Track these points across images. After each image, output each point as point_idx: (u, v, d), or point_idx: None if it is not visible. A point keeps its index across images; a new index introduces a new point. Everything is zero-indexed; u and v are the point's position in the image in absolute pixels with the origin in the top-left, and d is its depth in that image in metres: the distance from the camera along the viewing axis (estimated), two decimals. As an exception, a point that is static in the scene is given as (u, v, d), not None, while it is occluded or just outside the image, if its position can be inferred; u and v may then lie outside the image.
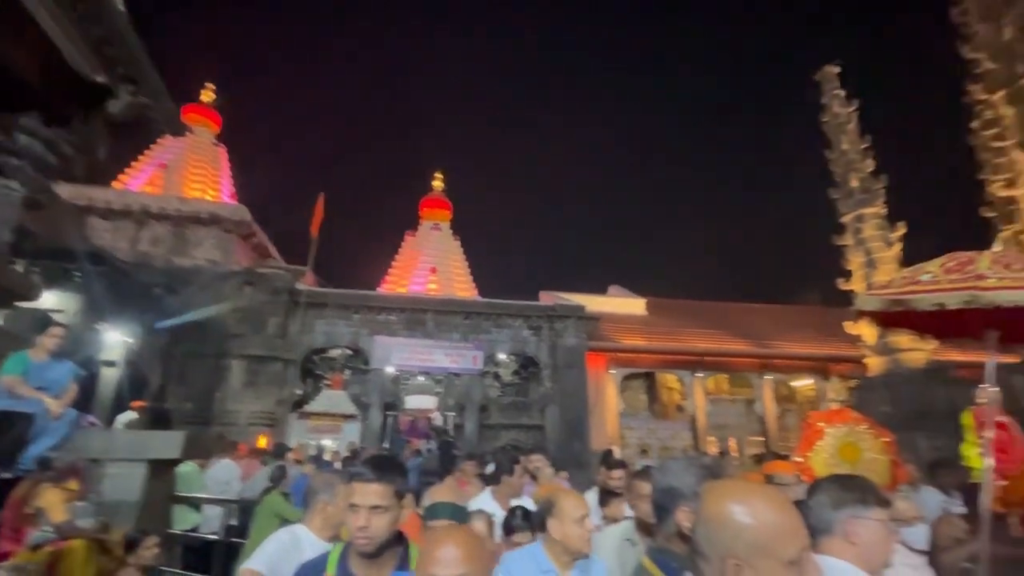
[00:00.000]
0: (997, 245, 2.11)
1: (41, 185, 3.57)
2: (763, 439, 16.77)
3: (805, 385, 18.52)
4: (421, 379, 16.53)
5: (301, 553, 2.04)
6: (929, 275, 2.11)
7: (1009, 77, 10.25)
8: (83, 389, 4.15)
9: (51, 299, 8.79)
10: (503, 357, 16.23)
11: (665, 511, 1.61)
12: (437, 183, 29.75)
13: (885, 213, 12.16)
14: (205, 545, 4.44)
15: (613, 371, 16.95)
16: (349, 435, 13.36)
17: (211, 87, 21.92)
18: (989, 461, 2.32)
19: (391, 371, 14.86)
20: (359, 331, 15.02)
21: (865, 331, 11.56)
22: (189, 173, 19.31)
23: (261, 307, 14.00)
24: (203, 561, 4.21)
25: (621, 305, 20.03)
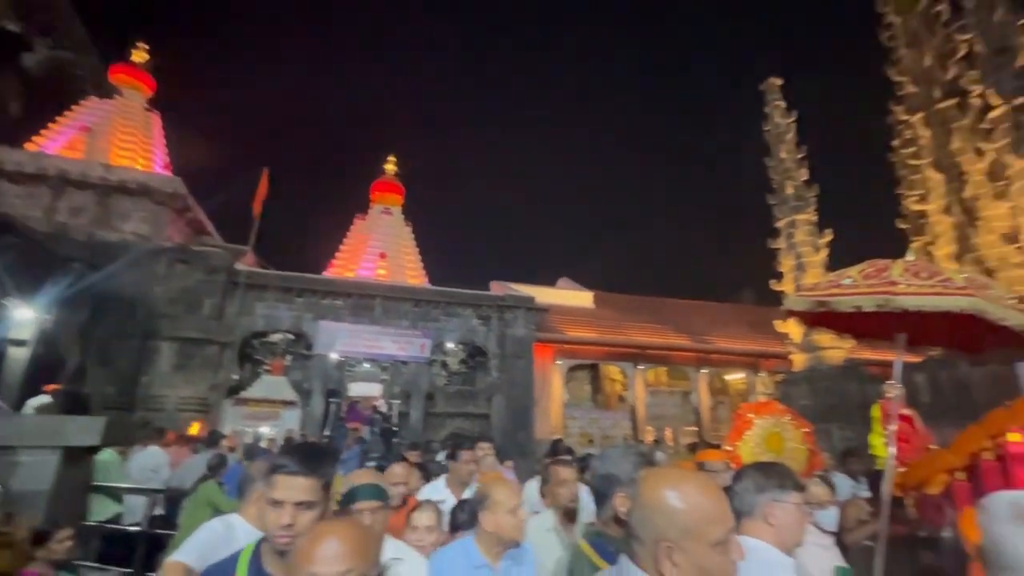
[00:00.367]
0: (909, 255, 2.34)
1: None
2: (697, 429, 17.68)
3: (737, 379, 19.66)
4: (367, 366, 16.20)
5: (235, 544, 1.96)
6: (850, 279, 2.29)
7: (927, 101, 11.19)
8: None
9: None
10: (451, 346, 16.17)
11: (603, 497, 1.68)
12: (390, 166, 28.98)
13: (815, 220, 13.03)
14: (128, 537, 4.19)
15: (559, 362, 17.29)
16: (289, 422, 12.93)
17: (144, 47, 20.11)
18: (892, 450, 2.56)
19: (335, 357, 14.47)
20: (302, 315, 14.49)
21: (792, 329, 12.39)
22: (117, 139, 17.77)
23: (195, 286, 13.21)
24: (125, 554, 3.97)
25: (570, 298, 20.40)
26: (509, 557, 1.91)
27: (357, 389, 15.58)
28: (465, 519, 2.39)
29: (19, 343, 9.53)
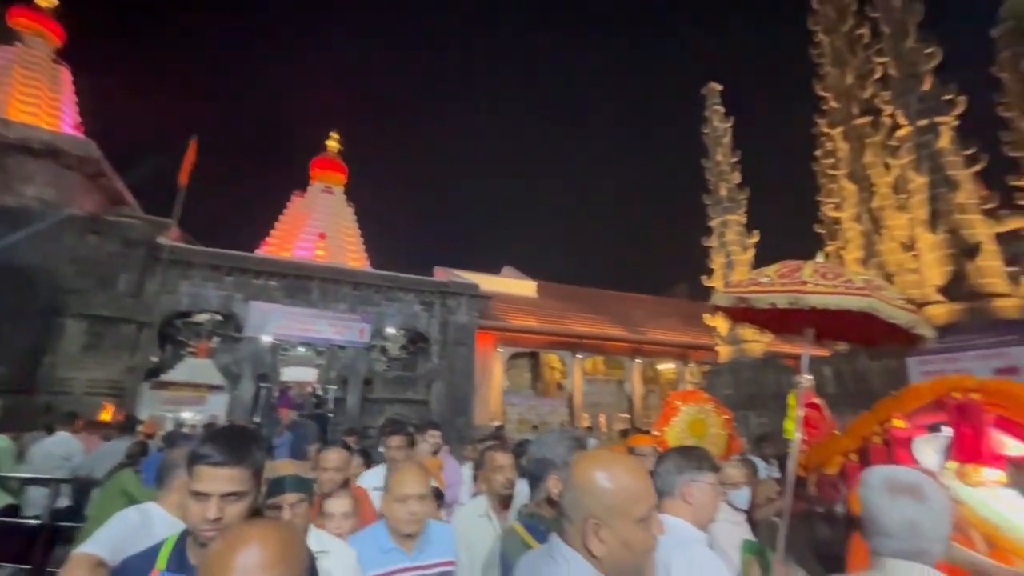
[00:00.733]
0: (819, 256, 2.58)
1: None
2: (630, 416, 18.50)
3: (668, 368, 20.71)
4: (302, 350, 15.61)
5: (152, 535, 1.85)
6: (767, 278, 2.49)
7: (846, 116, 12.15)
8: None
9: None
10: (392, 331, 15.90)
11: (537, 480, 1.75)
12: (332, 143, 27.78)
13: (744, 221, 13.86)
14: (26, 530, 3.85)
15: (501, 349, 17.47)
16: (215, 407, 12.26)
17: (50, -11, 17.98)
18: (799, 435, 2.82)
19: (267, 340, 13.83)
20: (232, 295, 13.70)
21: (719, 323, 13.19)
22: (17, 91, 15.84)
23: (109, 260, 12.12)
24: (22, 549, 3.65)
25: (514, 286, 20.58)
26: (424, 541, 1.85)
27: (291, 374, 14.99)
28: None
29: None
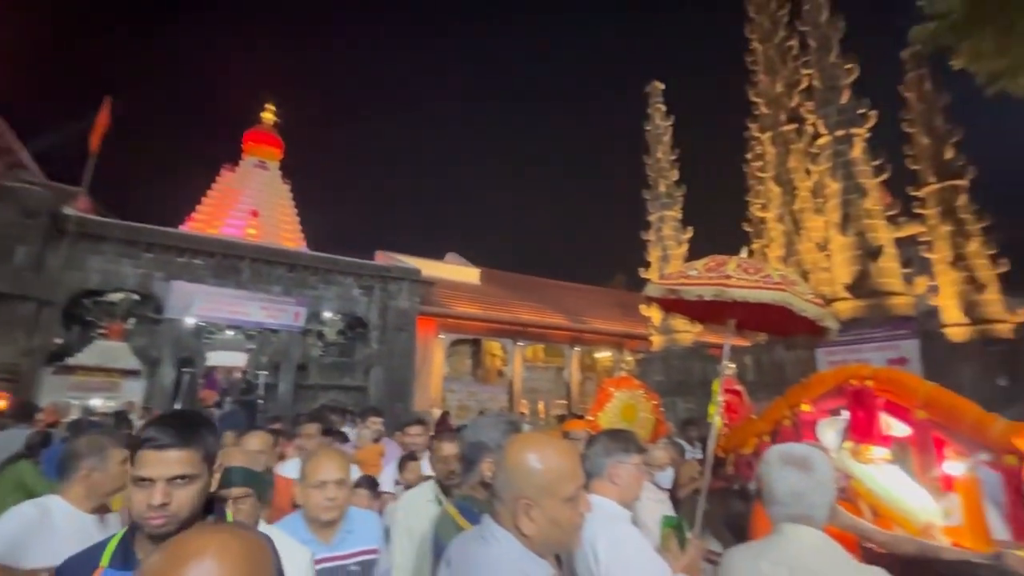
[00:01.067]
0: (744, 253, 2.77)
1: None
2: (567, 402, 19.02)
3: (605, 356, 21.43)
4: (230, 333, 14.76)
5: (52, 529, 1.72)
6: (696, 271, 2.65)
7: (775, 122, 12.95)
8: None
9: None
10: (329, 315, 15.37)
11: (472, 463, 1.77)
12: (267, 115, 26.17)
13: (680, 217, 14.50)
14: None
15: (442, 336, 17.37)
16: (130, 394, 11.38)
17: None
18: (719, 418, 3.03)
19: (191, 322, 12.96)
20: (151, 273, 12.69)
21: (653, 314, 13.80)
22: None
23: (5, 230, 10.86)
24: None
25: (457, 273, 20.47)
26: (346, 531, 1.77)
27: (217, 358, 14.13)
28: None
29: None
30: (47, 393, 10.47)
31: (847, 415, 2.85)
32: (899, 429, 2.66)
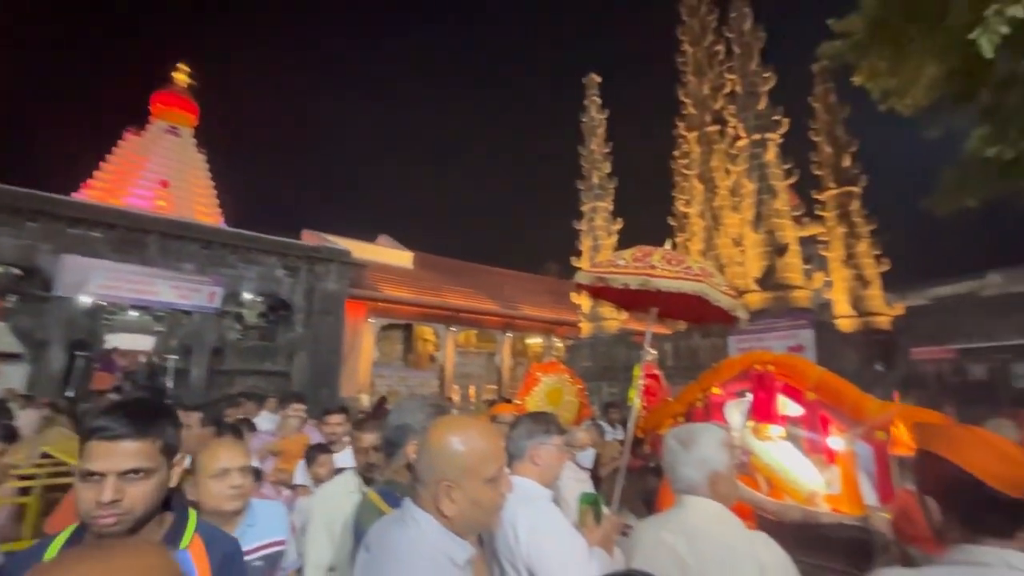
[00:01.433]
0: (667, 245, 2.93)
1: None
2: (498, 387, 19.26)
3: (536, 343, 21.88)
4: (134, 314, 13.51)
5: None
6: (623, 261, 2.76)
7: (700, 122, 13.65)
8: None
9: None
10: (249, 296, 14.46)
11: (396, 446, 1.75)
12: (180, 76, 23.87)
13: (612, 208, 14.97)
14: None
15: (372, 320, 16.93)
16: (9, 380, 10.14)
17: None
18: (638, 401, 3.20)
19: (86, 301, 11.70)
20: (36, 245, 11.29)
21: (583, 301, 14.22)
22: None
23: None
24: None
25: (389, 256, 19.97)
26: (247, 524, 1.67)
27: (119, 341, 12.89)
28: None
29: None
30: (-99, 379, 9.10)
31: (751, 397, 3.12)
32: (793, 409, 2.95)
